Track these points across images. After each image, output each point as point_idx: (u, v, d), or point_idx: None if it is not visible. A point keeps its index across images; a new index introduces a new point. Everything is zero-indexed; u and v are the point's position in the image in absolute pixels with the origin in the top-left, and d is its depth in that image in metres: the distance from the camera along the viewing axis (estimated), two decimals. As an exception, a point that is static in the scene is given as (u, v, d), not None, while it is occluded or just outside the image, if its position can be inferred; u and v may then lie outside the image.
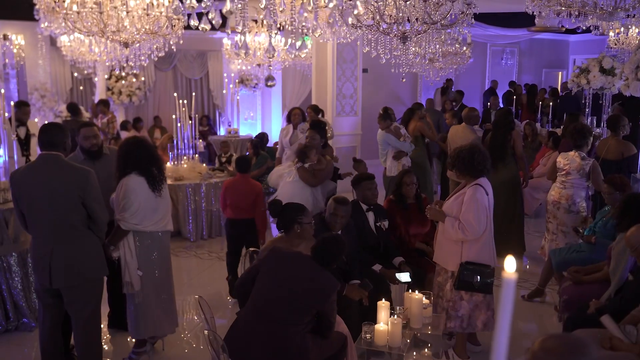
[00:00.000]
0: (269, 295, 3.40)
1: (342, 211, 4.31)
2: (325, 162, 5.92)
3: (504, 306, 1.09)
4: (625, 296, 3.80)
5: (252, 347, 3.30)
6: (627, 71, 5.37)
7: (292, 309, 3.34)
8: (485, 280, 4.18)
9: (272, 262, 3.55)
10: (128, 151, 4.15)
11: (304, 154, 5.77)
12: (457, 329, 4.36)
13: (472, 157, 4.16)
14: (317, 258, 3.50)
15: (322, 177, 5.86)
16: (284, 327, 3.32)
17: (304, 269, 3.45)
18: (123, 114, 12.32)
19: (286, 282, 3.40)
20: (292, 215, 3.95)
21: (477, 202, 4.11)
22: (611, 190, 5.05)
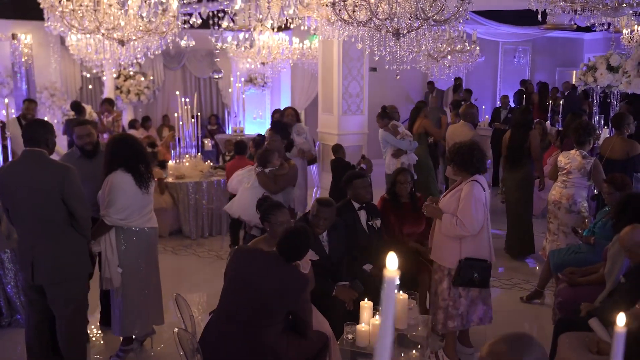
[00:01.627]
0: (237, 297, 3.31)
1: (326, 213, 4.22)
2: (288, 166, 5.57)
3: (386, 306, 1.02)
4: (616, 299, 3.68)
5: (225, 349, 3.24)
6: (629, 67, 5.22)
7: (262, 311, 3.25)
8: (484, 275, 4.14)
9: (236, 262, 3.46)
10: (115, 148, 4.14)
11: (265, 158, 5.41)
12: (460, 327, 4.31)
13: (472, 153, 4.11)
14: (283, 253, 3.39)
15: (284, 183, 5.48)
16: (256, 328, 3.24)
17: (269, 268, 3.33)
18: (132, 113, 12.38)
19: (253, 284, 3.29)
20: (266, 212, 3.89)
21: (475, 198, 4.06)
22: (611, 189, 4.92)
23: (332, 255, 4.35)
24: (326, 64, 10.50)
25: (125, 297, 4.19)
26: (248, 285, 3.30)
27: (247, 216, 5.39)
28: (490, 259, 4.20)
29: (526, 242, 6.76)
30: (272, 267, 3.34)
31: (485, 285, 4.18)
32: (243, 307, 3.27)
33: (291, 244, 3.42)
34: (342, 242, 4.46)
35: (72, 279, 3.84)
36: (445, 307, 4.23)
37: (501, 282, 6.22)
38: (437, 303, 4.30)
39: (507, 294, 5.95)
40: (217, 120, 13.35)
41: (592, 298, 4.15)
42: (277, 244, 3.46)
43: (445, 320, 4.24)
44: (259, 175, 5.42)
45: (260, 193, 5.18)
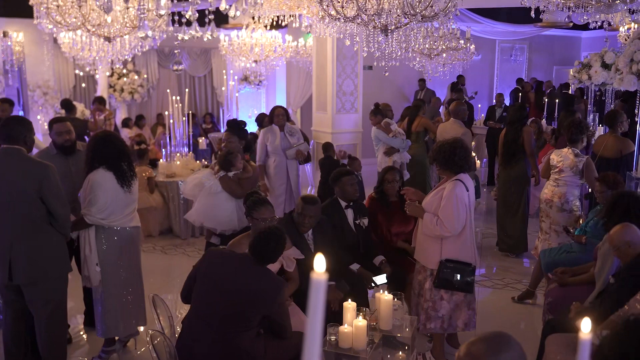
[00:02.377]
0: (210, 302, 3.19)
1: (311, 211, 4.14)
2: (252, 168, 5.34)
3: (313, 309, 0.95)
4: (605, 300, 3.61)
5: (201, 354, 3.15)
6: (621, 64, 5.14)
7: (235, 315, 3.14)
8: (465, 278, 4.04)
9: (207, 266, 3.31)
10: (97, 145, 4.07)
11: (228, 161, 5.10)
12: (438, 330, 4.21)
13: (454, 152, 4.01)
14: (256, 255, 3.28)
15: (250, 186, 5.21)
16: (231, 333, 3.14)
17: (242, 272, 3.21)
18: (125, 111, 12.31)
19: (226, 288, 3.17)
20: (250, 207, 3.82)
21: (457, 198, 3.96)
22: (603, 188, 4.84)
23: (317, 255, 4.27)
24: (320, 62, 10.43)
25: (107, 298, 4.11)
26: (220, 290, 3.18)
27: (211, 224, 5.17)
28: (474, 262, 4.10)
29: (519, 240, 6.70)
30: (245, 270, 3.21)
31: (468, 289, 4.05)
32: (216, 312, 3.16)
33: (263, 246, 3.28)
34: (328, 240, 4.38)
35: (50, 278, 3.76)
36: (426, 309, 4.15)
37: (493, 282, 6.15)
38: (420, 304, 4.22)
39: (498, 293, 5.87)
40: (212, 119, 13.29)
41: (582, 298, 4.07)
42: (250, 245, 3.34)
43: (425, 321, 4.16)
44: (222, 180, 5.11)
45: (225, 199, 5.01)
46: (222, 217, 5.01)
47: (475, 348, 1.91)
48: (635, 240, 3.65)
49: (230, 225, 5.05)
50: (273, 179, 7.04)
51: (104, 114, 9.53)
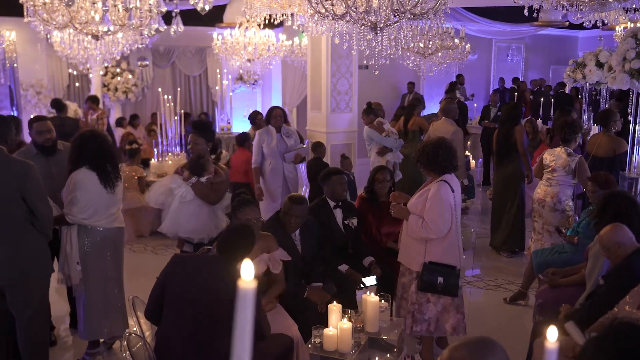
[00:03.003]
0: (184, 314, 3.04)
1: (298, 211, 4.08)
2: (223, 171, 5.02)
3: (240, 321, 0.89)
4: (594, 302, 3.55)
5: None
6: (614, 63, 5.08)
7: (213, 321, 3.03)
8: (449, 281, 3.96)
9: (174, 277, 3.15)
10: (81, 144, 4.02)
11: (201, 165, 4.75)
12: (424, 333, 4.15)
13: (436, 152, 3.94)
14: (220, 251, 3.17)
15: (223, 190, 4.92)
16: (211, 340, 3.05)
17: (212, 275, 3.08)
18: (120, 111, 12.24)
19: (197, 295, 3.03)
20: (235, 207, 3.76)
21: (442, 200, 3.90)
22: (595, 188, 4.78)
23: (304, 255, 4.22)
24: (315, 61, 10.35)
25: (89, 299, 4.05)
26: (193, 298, 3.04)
27: (187, 233, 4.88)
28: (459, 264, 4.03)
29: (514, 239, 6.66)
30: (214, 272, 3.10)
31: (451, 292, 3.98)
32: (193, 321, 3.03)
33: (235, 243, 3.18)
34: (316, 241, 4.32)
35: (32, 279, 3.70)
36: (412, 311, 4.09)
37: (485, 283, 6.09)
38: (406, 307, 4.15)
39: (491, 294, 5.82)
40: (207, 118, 13.23)
41: (573, 300, 4.01)
42: (218, 242, 3.24)
43: (411, 324, 4.10)
44: (195, 186, 4.77)
45: (199, 206, 4.73)
46: (198, 225, 4.73)
47: (458, 353, 1.86)
48: (625, 240, 3.60)
49: (206, 233, 4.82)
50: (269, 181, 6.77)
51: (96, 113, 9.46)
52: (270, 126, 6.84)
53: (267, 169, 6.74)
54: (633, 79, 4.89)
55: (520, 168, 6.53)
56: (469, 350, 1.84)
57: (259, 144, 6.76)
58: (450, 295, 4.01)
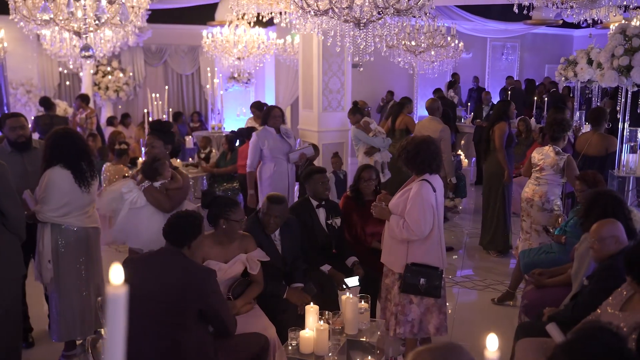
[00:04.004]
0: (144, 309, 2.94)
1: (277, 211, 3.99)
2: (181, 177, 4.44)
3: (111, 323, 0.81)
4: (578, 303, 3.47)
5: None
6: (602, 59, 5.00)
7: (170, 317, 2.95)
8: (432, 283, 3.88)
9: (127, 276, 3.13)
10: (55, 142, 3.93)
11: (155, 169, 4.24)
12: (408, 335, 4.06)
13: (417, 151, 3.86)
14: (170, 239, 3.12)
15: (180, 198, 4.36)
16: (173, 338, 2.96)
17: (165, 268, 3.03)
18: (111, 110, 12.15)
19: (150, 292, 2.94)
20: (220, 208, 3.67)
21: (422, 199, 3.81)
22: (583, 187, 4.70)
23: (285, 256, 4.14)
24: (306, 60, 10.28)
25: (62, 300, 3.97)
26: (151, 296, 2.94)
27: (136, 243, 4.29)
28: (441, 265, 3.95)
29: (498, 238, 6.58)
30: (165, 267, 3.03)
31: (434, 294, 3.90)
32: (154, 318, 2.95)
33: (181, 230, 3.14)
34: (297, 241, 4.24)
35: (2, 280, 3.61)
36: (395, 313, 4.01)
37: (474, 283, 6.01)
38: (389, 308, 4.07)
39: (479, 295, 5.74)
40: (200, 118, 13.14)
41: (559, 301, 3.93)
42: (166, 232, 3.17)
43: (394, 326, 4.02)
44: (147, 191, 4.21)
45: (151, 213, 4.19)
46: (149, 234, 4.10)
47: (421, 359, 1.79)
48: (620, 236, 3.51)
49: (158, 244, 4.06)
50: (275, 185, 6.11)
51: (86, 112, 9.38)
52: (268, 126, 6.35)
53: (268, 171, 6.18)
54: (622, 75, 4.81)
55: (502, 166, 6.44)
56: (432, 355, 1.77)
57: (257, 146, 6.24)
58: (433, 296, 3.93)
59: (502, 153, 6.32)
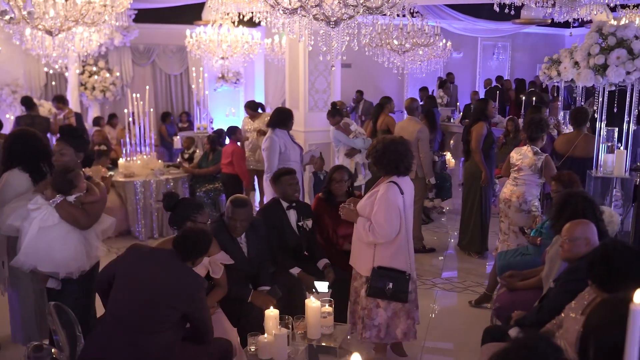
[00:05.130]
0: (127, 299, 3.06)
1: (241, 215, 3.90)
2: (99, 189, 3.91)
3: None
4: (543, 306, 3.40)
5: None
6: (578, 58, 4.92)
7: (154, 313, 3.00)
8: (398, 287, 3.80)
9: (127, 265, 3.17)
10: (14, 144, 3.86)
11: (69, 181, 3.68)
12: (374, 339, 3.99)
13: (385, 152, 3.79)
14: (181, 251, 3.15)
15: (97, 212, 3.86)
16: (146, 335, 2.99)
17: (162, 268, 3.09)
18: (98, 110, 12.06)
19: (145, 283, 3.05)
20: (186, 211, 3.59)
21: (389, 202, 3.73)
22: (559, 187, 4.62)
23: (251, 259, 4.06)
24: (292, 59, 10.20)
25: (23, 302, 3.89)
26: (139, 287, 3.05)
27: (48, 267, 3.72)
28: (408, 269, 3.87)
29: (476, 239, 6.51)
30: (165, 266, 3.09)
31: (401, 298, 3.82)
32: (134, 310, 3.02)
33: (194, 247, 3.17)
34: (263, 243, 4.16)
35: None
36: (362, 317, 3.94)
37: (453, 285, 5.94)
38: (357, 312, 4.00)
39: (457, 297, 5.68)
40: (188, 118, 13.06)
41: (530, 304, 3.85)
42: (175, 240, 3.20)
43: (361, 330, 3.94)
44: (60, 207, 3.67)
45: (65, 231, 3.71)
46: (64, 255, 3.68)
47: None
48: (592, 238, 3.44)
49: (76, 266, 3.75)
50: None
51: (63, 113, 9.30)
52: (280, 130, 6.03)
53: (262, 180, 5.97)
54: (597, 74, 4.74)
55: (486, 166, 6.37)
56: None
57: (277, 149, 5.88)
58: (400, 301, 3.85)
59: (478, 155, 6.24)
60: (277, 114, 6.25)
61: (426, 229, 7.79)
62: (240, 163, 7.33)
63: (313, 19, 4.41)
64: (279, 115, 6.23)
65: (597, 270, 2.75)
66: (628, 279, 2.65)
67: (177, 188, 7.56)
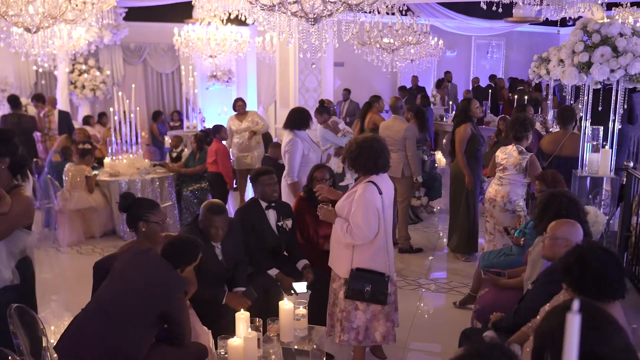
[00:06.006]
0: (114, 288, 3.13)
1: (220, 221, 3.81)
2: (16, 197, 3.32)
3: None
4: (520, 309, 3.33)
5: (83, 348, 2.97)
6: (563, 56, 4.85)
7: (133, 306, 3.03)
8: (377, 289, 3.72)
9: (127, 254, 3.28)
10: None
11: None
12: (353, 342, 3.91)
13: (360, 152, 3.71)
14: (168, 258, 3.23)
15: (12, 223, 3.30)
16: (121, 328, 2.98)
17: (153, 262, 3.20)
18: (88, 109, 11.98)
19: (132, 275, 3.14)
20: (138, 211, 3.50)
21: (367, 202, 3.66)
22: (542, 187, 4.56)
23: (226, 261, 3.97)
24: (283, 58, 10.13)
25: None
26: (127, 275, 3.14)
27: None
28: (387, 271, 3.79)
29: (464, 241, 6.42)
30: (155, 261, 3.19)
31: (380, 300, 3.74)
32: (115, 299, 3.07)
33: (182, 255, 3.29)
34: (239, 245, 4.08)
35: None
36: (340, 319, 3.86)
37: (438, 285, 5.87)
38: (336, 314, 3.92)
39: (442, 297, 5.61)
40: (180, 117, 12.98)
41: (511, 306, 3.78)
42: (166, 248, 3.29)
43: (339, 333, 3.87)
44: None
45: None
46: None
47: None
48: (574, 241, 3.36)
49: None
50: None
51: (43, 111, 9.23)
52: (301, 131, 5.74)
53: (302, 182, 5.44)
54: (582, 72, 4.67)
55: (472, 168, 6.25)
56: None
57: (302, 151, 5.62)
58: (379, 303, 3.78)
59: (461, 158, 6.13)
60: (298, 114, 5.87)
61: (415, 228, 7.73)
62: (225, 162, 7.24)
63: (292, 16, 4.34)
64: (299, 115, 5.86)
65: (572, 274, 2.66)
66: (604, 282, 2.57)
67: (163, 187, 7.49)
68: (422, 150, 7.79)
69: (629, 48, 4.49)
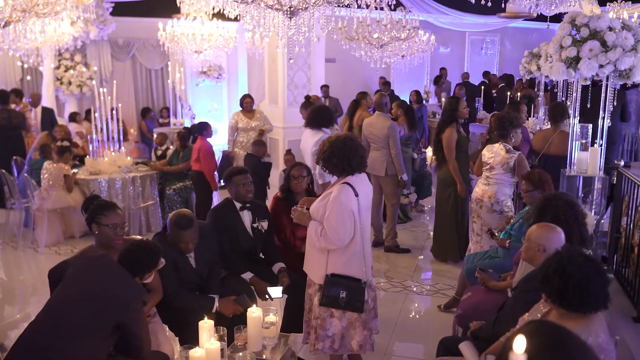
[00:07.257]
0: (66, 298, 2.91)
1: (187, 237, 3.61)
2: None
3: None
4: (499, 317, 3.16)
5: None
6: (551, 50, 4.68)
7: (87, 316, 2.80)
8: (353, 296, 3.54)
9: (81, 260, 3.13)
10: None
11: None
12: (328, 351, 3.73)
13: (332, 151, 3.52)
14: (125, 265, 3.01)
15: None
16: (75, 339, 2.77)
17: (108, 270, 2.96)
18: (75, 105, 11.78)
19: (86, 284, 2.92)
20: (92, 213, 3.33)
21: (341, 205, 3.46)
22: (529, 187, 4.39)
23: (200, 269, 3.79)
24: (272, 54, 9.96)
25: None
26: (81, 284, 2.93)
27: None
28: (364, 277, 3.60)
29: (448, 248, 6.22)
30: (111, 269, 2.98)
31: (356, 308, 3.56)
32: (68, 309, 2.84)
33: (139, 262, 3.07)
34: (212, 250, 3.89)
35: None
36: (315, 327, 3.68)
37: (424, 287, 5.70)
38: (311, 321, 3.74)
39: (426, 300, 5.45)
40: (169, 113, 12.79)
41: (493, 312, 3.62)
42: (122, 255, 3.06)
43: (314, 341, 3.69)
44: None
45: None
46: None
47: None
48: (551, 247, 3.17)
49: None
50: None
51: (19, 107, 9.04)
52: (328, 129, 5.71)
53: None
54: (569, 68, 4.49)
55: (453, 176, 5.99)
56: None
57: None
58: (355, 310, 3.59)
59: (452, 164, 5.89)
60: (322, 112, 5.81)
61: (404, 228, 7.57)
62: (208, 161, 7.06)
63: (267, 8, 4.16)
64: (325, 112, 5.82)
65: (552, 284, 2.48)
66: (586, 293, 2.40)
67: (145, 186, 7.31)
68: (411, 148, 7.62)
69: (618, 42, 4.31)
